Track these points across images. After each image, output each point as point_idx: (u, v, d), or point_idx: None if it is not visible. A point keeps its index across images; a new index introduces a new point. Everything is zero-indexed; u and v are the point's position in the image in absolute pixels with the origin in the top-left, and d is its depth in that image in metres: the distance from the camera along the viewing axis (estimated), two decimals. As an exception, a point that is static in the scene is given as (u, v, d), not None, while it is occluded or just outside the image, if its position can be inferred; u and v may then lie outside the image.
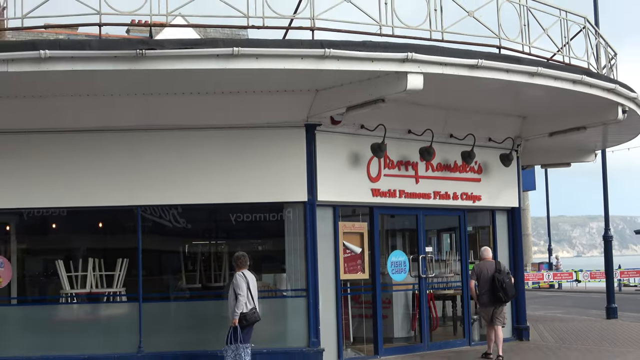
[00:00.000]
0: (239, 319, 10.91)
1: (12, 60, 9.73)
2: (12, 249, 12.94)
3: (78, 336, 12.38)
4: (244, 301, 11.01)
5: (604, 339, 16.05)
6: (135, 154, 12.19)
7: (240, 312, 10.94)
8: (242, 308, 10.96)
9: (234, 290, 11.13)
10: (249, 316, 11.02)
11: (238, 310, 10.94)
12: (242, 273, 11.27)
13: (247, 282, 11.18)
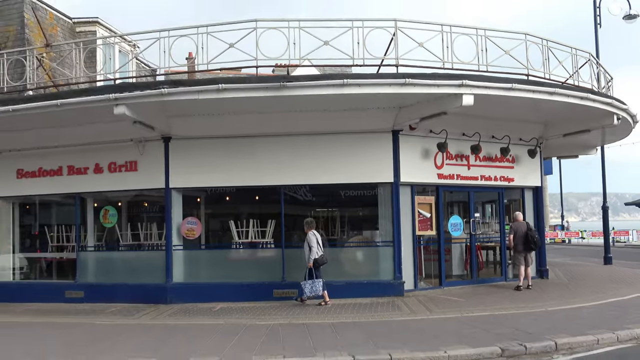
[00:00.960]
0: (312, 263, 12.29)
1: (200, 91, 11.41)
2: (201, 213, 14.34)
3: (243, 270, 13.89)
4: (316, 250, 12.31)
5: (602, 278, 16.88)
6: (279, 152, 13.46)
7: (313, 258, 12.29)
8: (315, 255, 12.29)
9: (308, 244, 12.39)
10: (319, 260, 12.34)
11: (312, 257, 12.24)
12: (313, 232, 12.57)
13: (317, 238, 12.50)
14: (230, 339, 9.38)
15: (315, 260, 12.30)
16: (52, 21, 17.41)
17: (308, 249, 12.42)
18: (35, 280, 15.42)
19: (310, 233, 12.59)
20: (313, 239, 12.44)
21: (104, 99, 11.65)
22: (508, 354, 8.16)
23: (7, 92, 13.86)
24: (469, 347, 8.33)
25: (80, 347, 9.27)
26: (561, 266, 19.93)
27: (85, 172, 14.34)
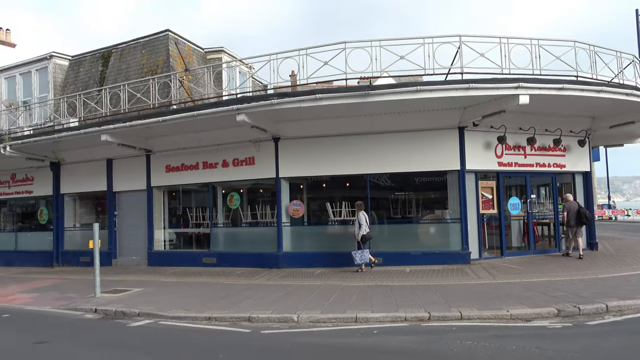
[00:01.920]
0: (361, 237, 12.35)
1: (302, 100, 11.55)
2: (304, 197, 14.45)
3: (337, 242, 13.77)
4: (365, 228, 12.36)
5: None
6: (364, 147, 13.40)
7: (362, 234, 12.32)
8: (363, 232, 12.33)
9: (358, 222, 12.38)
10: (366, 236, 12.40)
11: (361, 233, 12.30)
12: (362, 212, 12.53)
13: (365, 218, 12.47)
14: (328, 297, 9.46)
15: (363, 235, 12.37)
16: (189, 51, 18.19)
17: (358, 227, 12.41)
18: (180, 250, 16.18)
19: (360, 213, 12.54)
20: (362, 219, 12.43)
21: (229, 110, 12.08)
22: (564, 314, 7.68)
23: (157, 107, 14.69)
24: (528, 307, 7.93)
25: (215, 300, 9.69)
26: (609, 240, 18.54)
27: (216, 166, 14.93)
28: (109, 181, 16.86)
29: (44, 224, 18.83)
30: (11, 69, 20.74)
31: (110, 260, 16.43)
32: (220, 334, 7.51)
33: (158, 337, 7.53)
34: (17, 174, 19.05)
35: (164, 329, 8.05)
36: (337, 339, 6.89)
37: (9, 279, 15.18)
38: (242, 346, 6.80)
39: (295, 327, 7.75)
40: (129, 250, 16.65)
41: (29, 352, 6.94)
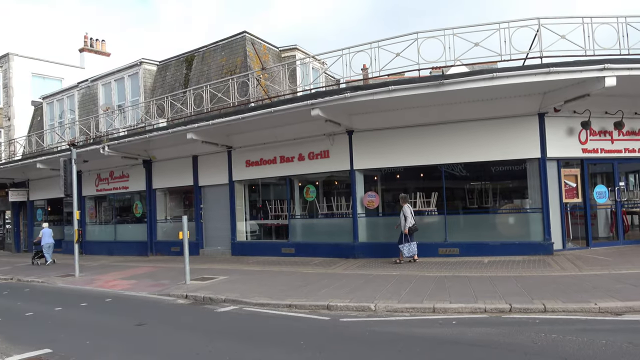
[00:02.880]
0: (408, 230, 12.20)
1: (375, 92, 11.39)
2: (378, 188, 14.35)
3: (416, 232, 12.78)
4: (410, 220, 12.22)
5: None
6: (437, 137, 13.04)
7: (408, 226, 12.19)
8: (409, 224, 12.20)
9: (403, 214, 12.25)
10: (412, 228, 12.25)
11: (407, 225, 12.17)
12: (407, 205, 12.43)
13: (410, 210, 12.36)
14: (404, 287, 9.35)
15: (409, 228, 12.21)
16: (265, 51, 18.60)
17: (404, 219, 12.25)
18: (260, 240, 16.67)
19: (405, 206, 12.38)
20: (408, 211, 12.28)
21: (304, 105, 12.24)
22: (660, 308, 7.07)
23: (237, 105, 15.19)
24: (618, 300, 7.37)
25: (295, 288, 9.90)
26: None
27: (292, 160, 15.21)
28: (195, 176, 17.69)
29: (138, 217, 20.15)
30: (107, 76, 22.31)
31: (198, 250, 17.27)
32: (301, 321, 7.67)
33: (243, 323, 7.83)
34: (115, 172, 20.51)
35: (248, 314, 8.36)
36: (415, 328, 6.80)
37: (110, 266, 16.42)
38: (323, 333, 6.90)
39: (373, 315, 7.75)
40: (214, 241, 17.42)
41: (131, 333, 7.49)
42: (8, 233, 27.67)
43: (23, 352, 6.58)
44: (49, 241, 18.63)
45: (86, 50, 30.44)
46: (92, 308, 9.80)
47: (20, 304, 10.81)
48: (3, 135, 27.28)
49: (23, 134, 25.91)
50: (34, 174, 23.06)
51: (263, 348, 6.27)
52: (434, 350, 5.79)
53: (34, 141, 23.41)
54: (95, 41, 31.24)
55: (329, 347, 6.18)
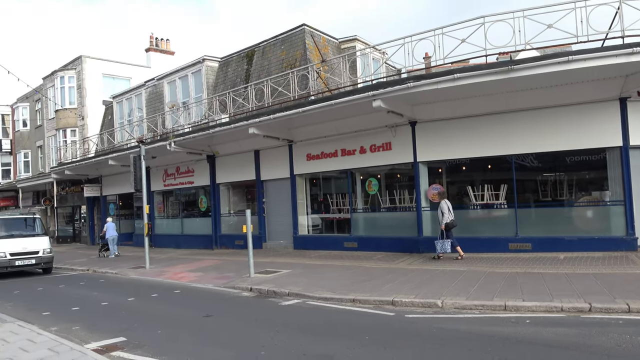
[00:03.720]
0: (445, 226, 12.03)
1: (439, 81, 11.17)
2: (443, 181, 14.00)
3: (480, 226, 13.32)
4: (447, 216, 12.05)
5: None
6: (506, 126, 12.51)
7: (445, 222, 12.02)
8: (447, 220, 12.04)
9: (441, 210, 12.16)
10: (450, 224, 12.07)
11: (444, 221, 12.03)
12: (445, 201, 12.29)
13: (448, 206, 12.15)
14: (473, 283, 9.08)
15: (447, 224, 12.10)
16: (324, 43, 18.62)
17: (441, 215, 12.19)
18: (322, 234, 16.77)
19: (443, 202, 12.32)
20: (445, 207, 12.19)
21: (365, 96, 12.16)
22: None
23: (297, 99, 15.33)
24: None
25: (359, 283, 9.89)
26: None
27: (353, 153, 15.16)
28: (257, 171, 18.07)
29: (203, 211, 20.89)
30: (171, 74, 23.23)
31: (261, 244, 17.66)
32: (365, 316, 7.65)
33: (307, 316, 7.92)
34: (180, 167, 21.36)
35: (311, 308, 8.44)
36: (486, 327, 6.58)
37: (178, 259, 17.15)
38: (387, 329, 6.85)
39: (440, 312, 7.59)
40: (276, 235, 17.75)
41: (200, 324, 7.78)
42: (83, 226, 29.59)
43: (100, 339, 7.01)
44: (112, 234, 19.94)
45: (152, 49, 31.84)
46: (162, 299, 10.28)
47: (96, 293, 11.53)
48: (78, 134, 29.14)
49: (95, 133, 27.56)
50: (106, 170, 24.48)
51: (327, 342, 6.31)
52: (508, 350, 5.58)
53: (106, 139, 24.85)
54: (160, 41, 32.61)
55: (393, 342, 6.12)
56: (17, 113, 36.04)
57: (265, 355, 5.83)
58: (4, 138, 37.57)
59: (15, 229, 16.19)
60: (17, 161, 35.91)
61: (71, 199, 30.05)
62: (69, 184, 29.61)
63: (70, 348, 6.30)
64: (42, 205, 32.49)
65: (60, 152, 28.67)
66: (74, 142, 28.56)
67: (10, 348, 6.48)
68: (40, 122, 33.27)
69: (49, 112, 31.81)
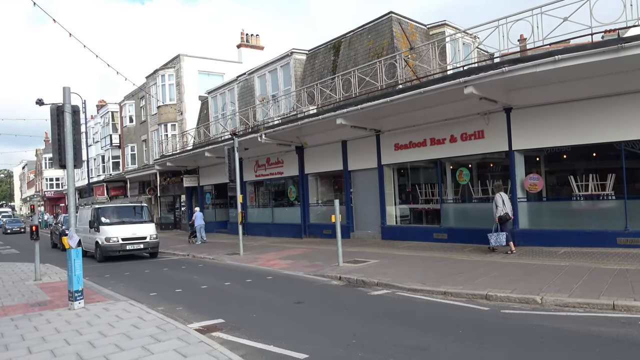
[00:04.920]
0: (498, 219, 11.87)
1: (538, 64, 10.33)
2: (541, 170, 13.08)
3: (583, 219, 12.21)
4: (501, 209, 11.89)
5: None
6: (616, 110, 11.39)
7: (498, 215, 11.86)
8: (500, 213, 11.88)
9: (495, 203, 12.04)
10: (503, 217, 11.92)
11: (497, 214, 11.91)
12: (499, 194, 12.06)
13: (502, 199, 11.96)
14: (575, 280, 8.46)
15: (500, 217, 11.96)
16: (412, 30, 18.20)
17: (495, 208, 12.08)
18: (411, 225, 16.51)
19: (497, 195, 12.13)
20: (499, 200, 12.02)
21: (456, 83, 11.71)
22: None
23: (384, 88, 15.15)
24: None
25: (450, 276, 9.63)
26: None
27: (443, 142, 14.70)
28: (344, 161, 18.15)
29: (292, 201, 21.42)
30: (261, 68, 23.96)
31: (349, 234, 17.77)
32: (457, 310, 7.43)
33: (397, 307, 7.85)
34: (270, 158, 22.03)
35: (401, 299, 8.35)
36: (592, 326, 6.11)
37: (269, 247, 17.75)
38: (482, 324, 6.60)
39: (539, 309, 7.17)
40: (364, 225, 17.76)
41: (292, 310, 8.01)
42: (183, 215, 31.56)
43: (201, 320, 7.46)
44: (200, 223, 21.40)
45: (243, 45, 33.02)
46: (256, 284, 10.70)
47: (196, 277, 12.28)
48: (177, 128, 31.07)
49: (193, 126, 29.22)
50: (203, 161, 25.89)
51: (419, 334, 6.22)
52: (618, 351, 5.15)
53: (202, 132, 26.27)
54: (250, 36, 33.73)
55: (489, 338, 5.88)
56: (124, 110, 39.16)
57: (356, 344, 5.87)
58: (113, 133, 41.01)
59: (125, 216, 17.68)
60: (125, 154, 39.09)
61: (172, 189, 32.18)
62: (170, 175, 31.71)
63: (176, 327, 6.76)
64: (146, 194, 35.14)
65: (162, 145, 30.82)
66: (174, 135, 30.51)
67: (124, 324, 7.08)
68: (144, 118, 35.90)
69: (151, 109, 34.23)
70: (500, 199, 12.09)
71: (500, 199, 12.07)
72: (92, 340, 6.27)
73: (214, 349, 5.63)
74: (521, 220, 13.07)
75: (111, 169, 41.61)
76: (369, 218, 17.42)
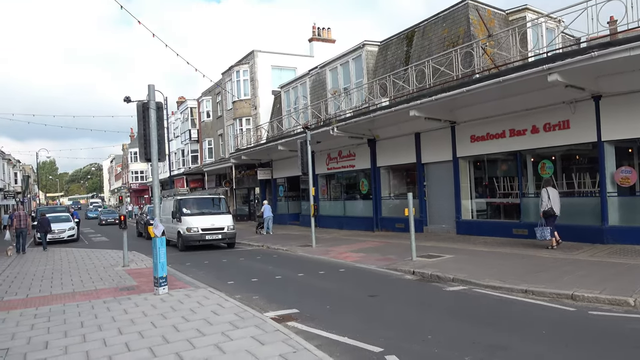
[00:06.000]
0: (542, 214, 11.82)
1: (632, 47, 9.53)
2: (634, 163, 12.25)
3: None
4: (545, 204, 11.79)
5: None
6: None
7: (543, 210, 11.79)
8: (544, 208, 11.80)
9: (541, 198, 11.99)
10: (547, 213, 11.79)
11: (542, 209, 11.85)
12: (546, 189, 11.92)
13: (548, 194, 11.79)
14: (676, 281, 7.79)
15: (544, 212, 11.84)
16: (490, 16, 17.45)
17: (540, 202, 12.07)
18: (488, 219, 15.92)
19: (543, 190, 12.03)
20: (545, 195, 11.92)
21: (538, 71, 11.08)
22: None
23: (460, 78, 14.68)
24: None
25: (531, 273, 9.20)
26: None
27: (524, 133, 13.99)
28: (418, 154, 17.83)
29: (364, 194, 21.36)
30: (333, 61, 24.03)
31: (422, 227, 17.46)
32: (540, 309, 7.08)
33: (474, 304, 7.62)
34: (342, 151, 22.10)
35: (479, 296, 8.10)
36: (694, 332, 5.61)
37: (341, 239, 17.86)
38: (567, 325, 6.25)
39: (632, 312, 6.68)
40: (438, 219, 17.39)
41: (365, 303, 8.02)
42: (257, 206, 32.47)
43: (276, 309, 7.66)
44: (268, 215, 22.37)
45: (314, 39, 33.28)
46: (329, 276, 10.82)
47: (270, 267, 12.61)
48: (251, 122, 31.97)
49: (266, 121, 29.95)
50: (276, 155, 26.47)
51: (498, 332, 6.00)
52: None
53: (275, 126, 26.86)
54: (322, 30, 33.91)
55: (575, 341, 5.57)
56: (202, 106, 40.87)
57: (432, 340, 5.77)
58: (192, 128, 42.95)
59: (205, 207, 18.53)
60: (203, 148, 40.82)
61: (246, 182, 33.22)
62: (244, 168, 32.74)
63: (253, 315, 6.99)
64: (222, 186, 36.53)
65: (237, 139, 31.88)
66: (248, 130, 31.43)
67: (204, 310, 7.43)
68: (220, 113, 37.27)
69: (227, 104, 35.46)
70: (546, 194, 11.89)
71: (546, 195, 11.88)
72: (176, 325, 6.64)
73: (290, 338, 5.77)
74: (611, 216, 12.17)
75: (190, 163, 43.64)
76: (443, 212, 17.01)
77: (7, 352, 5.74)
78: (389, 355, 5.24)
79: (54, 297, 9.32)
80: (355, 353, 5.40)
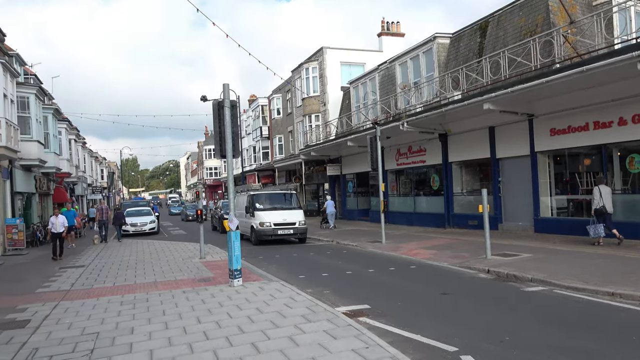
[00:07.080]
0: (594, 211, 11.91)
1: None
2: None
3: None
4: (597, 202, 11.82)
5: None
6: None
7: (594, 209, 11.87)
8: (595, 206, 11.87)
9: (593, 196, 12.02)
10: (598, 211, 11.85)
11: (593, 207, 11.93)
12: (598, 187, 11.90)
13: (600, 192, 11.82)
14: None
15: (596, 210, 11.92)
16: (571, 2, 16.41)
17: (592, 200, 12.10)
18: (569, 217, 15.05)
19: (595, 188, 12.06)
20: (596, 193, 11.95)
21: (627, 58, 10.35)
22: None
23: (538, 68, 13.97)
24: None
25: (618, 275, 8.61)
26: None
27: (610, 125, 13.09)
28: (492, 148, 17.20)
29: (435, 190, 20.93)
30: (402, 55, 23.68)
31: (497, 225, 16.86)
32: (628, 313, 6.62)
33: (554, 305, 7.25)
34: (412, 146, 21.77)
35: (559, 297, 7.70)
36: None
37: (411, 236, 17.63)
38: (661, 331, 5.79)
39: None
40: (513, 216, 16.70)
41: (437, 301, 7.88)
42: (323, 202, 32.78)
43: (348, 304, 7.72)
44: (331, 210, 23.30)
45: (383, 34, 32.93)
46: (399, 273, 10.72)
47: (340, 263, 12.70)
48: (320, 119, 32.25)
49: (335, 117, 30.07)
50: (345, 151, 26.55)
51: (580, 336, 5.68)
52: None
53: (344, 122, 26.93)
54: (391, 24, 33.49)
55: (672, 349, 5.14)
56: (272, 103, 41.78)
57: (510, 341, 5.57)
58: (263, 125, 44.01)
59: (277, 203, 18.99)
60: (273, 145, 41.73)
61: (316, 177, 33.58)
62: (314, 164, 33.10)
63: (324, 309, 7.09)
64: (293, 182, 37.17)
65: (306, 135, 32.28)
66: (317, 126, 31.73)
67: (277, 303, 7.63)
68: (290, 110, 37.89)
69: (296, 101, 35.99)
70: (598, 192, 11.88)
71: (598, 192, 11.88)
72: (251, 316, 6.87)
73: (362, 333, 5.79)
74: None
75: (261, 159, 44.76)
76: (520, 209, 16.31)
77: (97, 336, 6.21)
78: (465, 355, 5.12)
79: (138, 286, 9.96)
80: (428, 351, 5.32)
